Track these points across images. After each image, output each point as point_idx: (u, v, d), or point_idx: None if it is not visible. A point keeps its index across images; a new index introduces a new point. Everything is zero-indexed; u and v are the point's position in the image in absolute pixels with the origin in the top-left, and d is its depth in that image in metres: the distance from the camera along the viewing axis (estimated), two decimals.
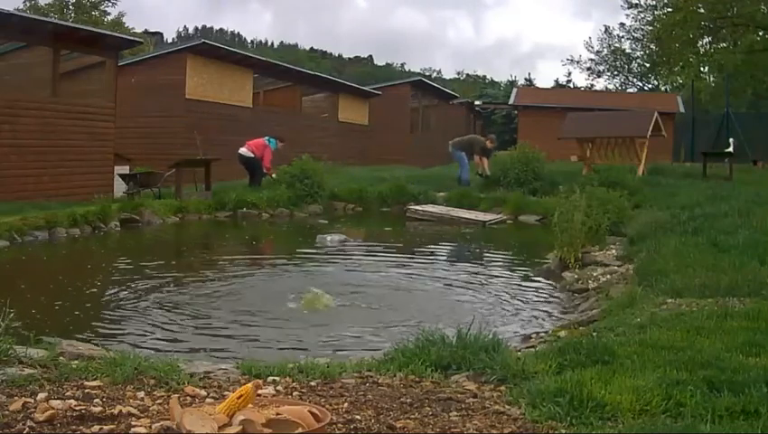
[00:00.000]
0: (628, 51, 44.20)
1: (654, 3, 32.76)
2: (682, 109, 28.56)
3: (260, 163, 14.92)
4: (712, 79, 34.49)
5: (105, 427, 2.54)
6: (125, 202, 12.30)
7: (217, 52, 19.72)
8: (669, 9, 27.96)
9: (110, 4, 37.92)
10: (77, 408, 2.69)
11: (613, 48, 45.13)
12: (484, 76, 73.23)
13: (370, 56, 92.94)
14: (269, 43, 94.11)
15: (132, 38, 18.03)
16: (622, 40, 43.84)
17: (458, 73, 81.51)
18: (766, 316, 4.00)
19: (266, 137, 15.29)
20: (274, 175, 14.92)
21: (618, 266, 7.00)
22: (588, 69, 46.53)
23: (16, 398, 2.78)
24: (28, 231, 9.49)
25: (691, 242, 6.84)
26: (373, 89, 28.76)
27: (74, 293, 6.55)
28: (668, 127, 19.98)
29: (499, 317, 5.64)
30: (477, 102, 39.01)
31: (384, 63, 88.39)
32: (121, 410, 2.68)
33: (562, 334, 4.46)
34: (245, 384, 2.63)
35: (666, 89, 40.86)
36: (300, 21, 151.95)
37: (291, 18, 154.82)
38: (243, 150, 15.11)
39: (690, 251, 6.28)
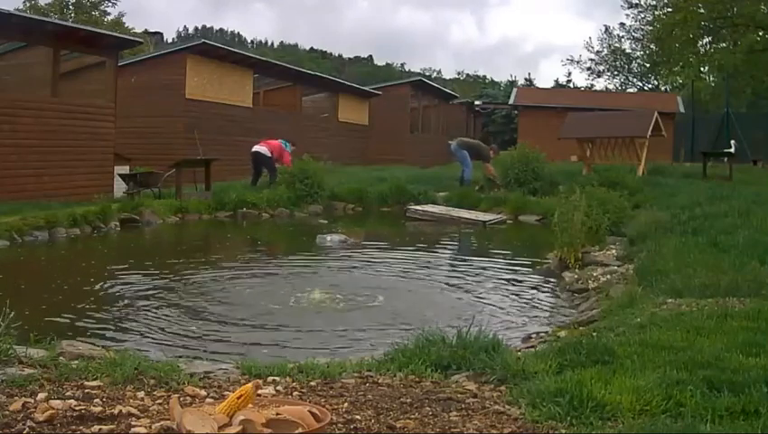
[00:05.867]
0: (628, 51, 44.26)
1: (654, 3, 32.79)
2: (682, 109, 28.57)
3: (275, 161, 15.17)
4: (712, 79, 34.48)
5: (105, 427, 2.54)
6: (125, 202, 12.29)
7: (217, 52, 19.71)
8: (669, 9, 27.94)
9: (110, 4, 38.08)
10: (77, 408, 2.69)
11: (613, 48, 45.16)
12: (484, 76, 73.34)
13: (370, 56, 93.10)
14: (269, 43, 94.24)
15: (132, 38, 18.04)
16: (623, 40, 43.93)
17: (458, 73, 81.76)
18: (766, 316, 4.00)
19: (282, 141, 15.55)
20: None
21: (618, 266, 7.00)
22: (588, 69, 46.61)
23: (16, 398, 2.78)
24: (28, 230, 9.49)
25: (691, 242, 6.84)
26: (373, 89, 28.75)
27: (74, 293, 6.54)
28: (668, 127, 19.98)
29: (499, 317, 5.64)
30: (477, 102, 39.02)
31: (384, 63, 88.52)
32: (121, 410, 2.68)
33: (562, 334, 4.46)
34: (245, 384, 2.64)
35: (666, 89, 40.86)
36: (300, 21, 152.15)
37: (291, 18, 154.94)
38: (262, 149, 15.25)
39: (690, 251, 6.28)
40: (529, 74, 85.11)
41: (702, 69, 31.87)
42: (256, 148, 15.35)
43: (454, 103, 34.42)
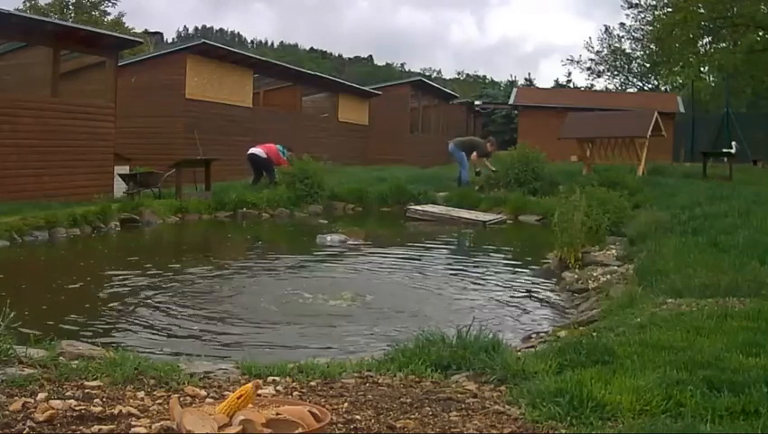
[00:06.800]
0: (628, 51, 44.29)
1: (654, 3, 32.81)
2: (682, 109, 28.59)
3: (272, 163, 15.17)
4: (712, 79, 34.49)
5: (105, 427, 2.54)
6: (125, 202, 12.29)
7: (217, 52, 19.71)
8: (669, 9, 27.96)
9: (110, 4, 38.09)
10: (77, 408, 2.69)
11: (613, 48, 45.17)
12: (484, 76, 73.43)
13: (370, 56, 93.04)
14: (269, 43, 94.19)
15: (132, 38, 18.04)
16: (623, 40, 43.95)
17: (458, 73, 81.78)
18: (766, 316, 4.00)
19: (279, 146, 15.56)
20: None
21: (618, 266, 7.00)
22: (588, 69, 46.64)
23: (16, 398, 2.78)
24: (28, 230, 9.49)
25: (691, 242, 6.84)
26: (373, 89, 28.75)
27: (74, 293, 6.55)
28: (668, 127, 19.98)
29: (499, 317, 5.64)
30: (477, 102, 39.06)
31: (384, 63, 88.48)
32: (121, 410, 2.68)
33: (562, 334, 4.46)
34: (245, 384, 2.64)
35: (666, 89, 40.88)
36: (300, 21, 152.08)
37: (291, 18, 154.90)
38: (258, 151, 15.31)
39: (690, 251, 6.28)
40: (529, 74, 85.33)
41: (702, 69, 31.89)
42: (252, 151, 15.38)
43: (454, 103, 34.42)
